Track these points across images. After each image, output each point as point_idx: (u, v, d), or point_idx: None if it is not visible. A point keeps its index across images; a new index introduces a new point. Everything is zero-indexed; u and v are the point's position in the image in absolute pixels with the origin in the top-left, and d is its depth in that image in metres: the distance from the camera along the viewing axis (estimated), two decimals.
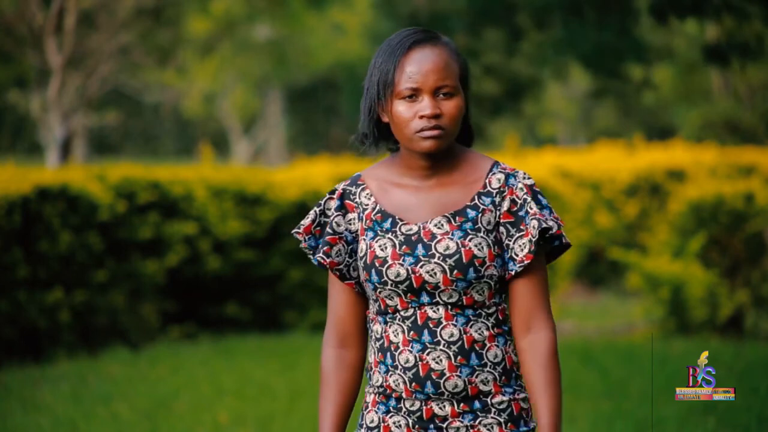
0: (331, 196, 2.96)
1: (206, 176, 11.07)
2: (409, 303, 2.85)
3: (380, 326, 2.90)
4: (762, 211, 10.59)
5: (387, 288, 2.85)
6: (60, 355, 9.13)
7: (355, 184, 2.95)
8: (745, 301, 10.52)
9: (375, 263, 2.85)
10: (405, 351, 2.85)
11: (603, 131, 32.41)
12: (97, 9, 16.58)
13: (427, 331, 2.84)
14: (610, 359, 9.14)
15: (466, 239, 2.84)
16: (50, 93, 16.03)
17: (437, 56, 2.85)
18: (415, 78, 2.83)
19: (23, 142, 29.93)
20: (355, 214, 2.93)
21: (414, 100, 2.84)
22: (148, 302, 10.13)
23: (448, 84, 2.84)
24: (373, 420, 2.92)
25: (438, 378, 2.84)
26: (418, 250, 2.84)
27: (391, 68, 2.85)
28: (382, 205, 2.91)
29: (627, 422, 6.89)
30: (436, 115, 2.82)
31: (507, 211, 2.88)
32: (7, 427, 6.99)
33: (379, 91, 2.87)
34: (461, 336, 2.84)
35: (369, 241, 2.88)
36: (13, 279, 8.93)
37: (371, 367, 2.94)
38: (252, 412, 7.31)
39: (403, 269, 2.83)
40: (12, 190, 9.00)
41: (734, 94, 22.37)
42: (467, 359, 2.84)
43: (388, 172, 2.94)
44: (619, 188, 15.97)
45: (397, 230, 2.87)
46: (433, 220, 2.86)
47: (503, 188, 2.89)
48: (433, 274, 2.82)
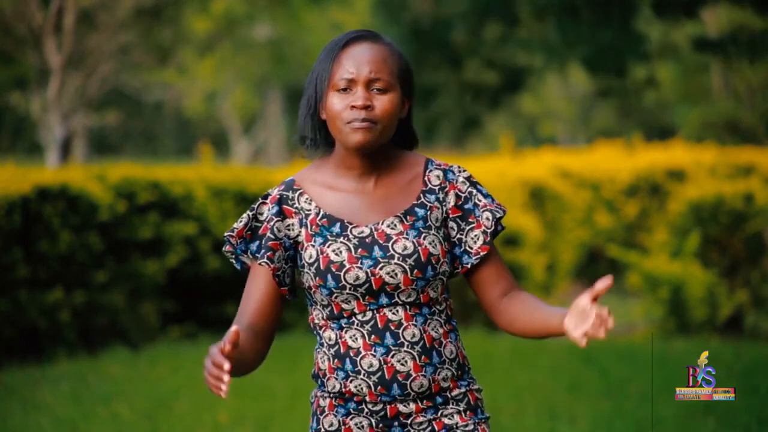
0: (264, 201, 2.92)
1: (206, 176, 11.07)
2: (367, 306, 2.84)
3: (333, 332, 2.88)
4: (762, 211, 10.59)
5: (345, 292, 2.83)
6: (60, 355, 9.13)
7: (291, 189, 2.92)
8: (744, 301, 10.53)
9: (331, 268, 2.83)
10: (368, 355, 2.84)
11: (602, 131, 32.41)
12: (97, 8, 16.58)
13: (389, 334, 2.84)
14: (610, 359, 9.14)
15: (420, 238, 2.84)
16: (50, 93, 16.03)
17: (375, 51, 2.85)
18: (350, 69, 2.83)
19: (23, 142, 29.93)
20: (295, 220, 2.90)
21: (348, 93, 2.83)
22: (148, 302, 10.13)
23: (383, 78, 2.84)
24: (332, 424, 2.90)
25: (404, 379, 2.84)
26: (376, 252, 2.83)
27: (329, 61, 2.85)
28: (326, 209, 2.88)
29: (627, 422, 6.89)
30: (367, 106, 2.82)
31: (454, 206, 2.90)
32: (7, 427, 6.99)
33: (317, 85, 2.87)
34: (422, 336, 2.85)
35: (319, 247, 2.85)
36: (13, 279, 8.93)
37: (324, 374, 2.91)
38: (252, 412, 7.31)
39: (362, 272, 2.81)
40: (12, 190, 9.00)
41: (734, 94, 22.37)
42: (430, 358, 2.85)
43: (323, 174, 2.92)
44: (618, 188, 15.97)
45: (349, 234, 2.85)
46: (386, 221, 2.85)
47: (444, 184, 2.91)
48: (394, 275, 2.82)
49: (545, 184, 14.03)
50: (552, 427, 6.84)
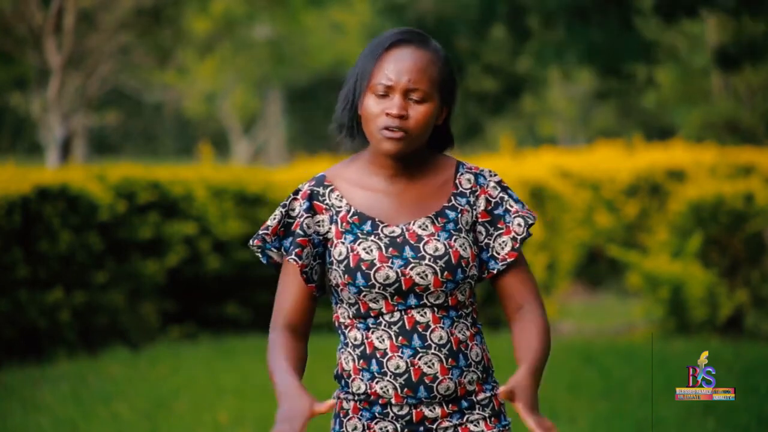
0: (295, 197, 2.90)
1: (206, 176, 11.07)
2: (395, 306, 2.82)
3: (359, 332, 2.86)
4: (762, 211, 10.59)
5: (374, 291, 2.81)
6: (60, 355, 9.13)
7: (321, 184, 2.90)
8: (744, 301, 10.52)
9: (361, 266, 2.81)
10: (394, 357, 2.82)
11: (602, 131, 32.41)
12: (97, 8, 16.57)
13: (417, 336, 2.82)
14: (610, 359, 9.14)
15: (451, 240, 2.83)
16: (50, 93, 16.02)
17: (417, 58, 2.82)
18: (389, 75, 2.80)
19: (23, 142, 29.93)
20: (325, 216, 2.88)
21: (385, 97, 2.81)
22: (148, 302, 10.13)
23: (421, 88, 2.80)
24: (356, 427, 2.87)
25: (431, 382, 2.82)
26: (407, 252, 2.81)
27: (371, 61, 2.83)
28: (357, 207, 2.87)
29: (627, 422, 6.89)
30: (401, 115, 2.79)
31: (484, 211, 2.89)
32: (7, 427, 6.99)
33: (357, 81, 2.85)
34: (449, 338, 2.84)
35: (349, 244, 2.83)
36: (13, 279, 8.93)
37: (349, 374, 2.89)
38: (252, 412, 7.31)
39: (393, 272, 2.80)
40: (12, 190, 9.00)
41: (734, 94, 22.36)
42: (456, 360, 2.84)
43: (354, 172, 2.90)
44: (618, 188, 15.98)
45: (380, 232, 2.83)
46: (417, 222, 2.84)
47: (475, 188, 2.90)
48: (424, 276, 2.80)
49: (545, 184, 14.02)
50: None
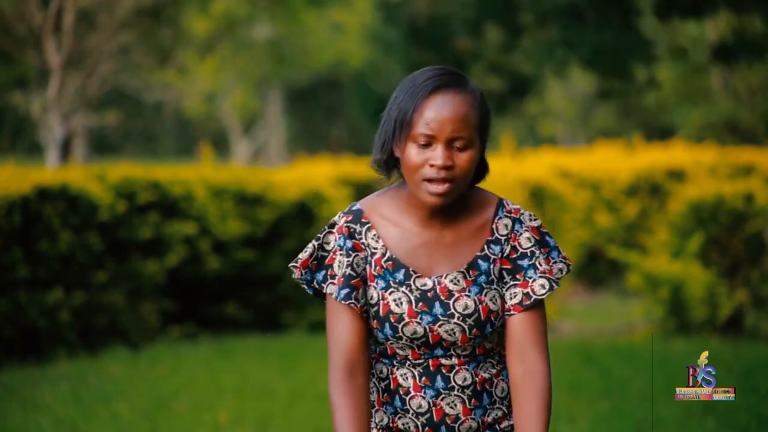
0: (330, 230, 2.87)
1: (206, 176, 11.07)
2: (422, 355, 2.81)
3: (385, 367, 2.85)
4: (762, 211, 10.59)
5: (401, 342, 2.81)
6: (60, 355, 9.13)
7: (359, 221, 2.85)
8: (744, 301, 10.52)
9: (390, 318, 2.79)
10: (417, 396, 2.81)
11: (602, 131, 32.41)
12: (96, 8, 16.57)
13: (440, 377, 2.81)
14: (610, 359, 9.14)
15: (482, 294, 2.79)
16: (50, 93, 16.02)
17: (458, 105, 2.76)
18: (431, 125, 2.74)
19: (23, 142, 29.93)
20: (362, 254, 2.84)
21: (427, 147, 2.76)
22: (148, 302, 10.13)
23: (464, 136, 2.75)
24: None
25: (453, 422, 2.81)
26: (436, 309, 2.78)
27: (410, 109, 2.76)
28: (392, 251, 2.82)
29: (627, 422, 6.89)
30: (448, 166, 2.74)
31: (506, 258, 2.83)
32: (7, 427, 6.99)
33: (395, 128, 2.79)
34: (473, 379, 2.82)
35: (381, 292, 2.81)
36: (13, 279, 8.93)
37: (373, 405, 2.87)
38: (252, 412, 7.31)
39: (421, 327, 2.78)
40: (12, 190, 8.99)
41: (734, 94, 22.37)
42: (480, 400, 2.83)
43: (390, 209, 2.85)
44: (618, 188, 15.98)
45: (412, 284, 2.80)
46: (449, 276, 2.80)
47: (510, 234, 2.84)
48: (452, 333, 2.78)
49: (545, 184, 14.03)
50: (552, 427, 6.84)
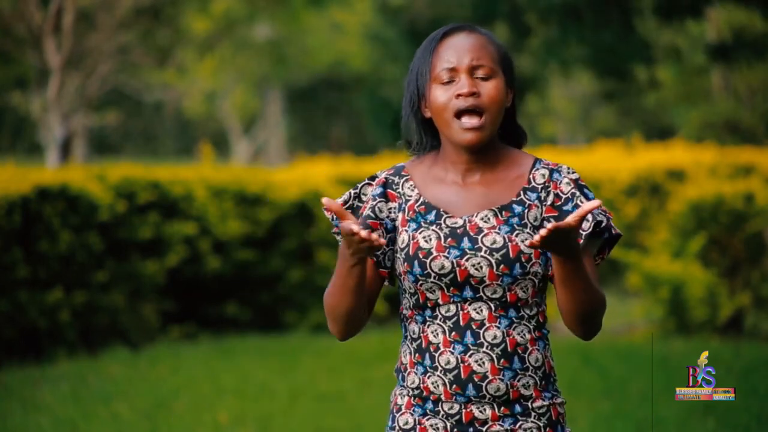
0: (369, 182, 2.91)
1: (206, 176, 11.07)
2: (451, 297, 2.79)
3: (417, 326, 2.83)
4: (762, 211, 10.58)
5: (429, 281, 2.78)
6: (60, 355, 9.13)
7: (398, 174, 2.89)
8: (745, 301, 10.52)
9: (418, 254, 2.78)
10: (446, 352, 2.79)
11: (602, 131, 32.42)
12: (96, 8, 16.57)
13: (470, 333, 2.78)
14: (610, 359, 9.14)
15: (513, 234, 2.78)
16: (50, 93, 16.03)
17: (473, 39, 2.81)
18: (450, 59, 2.79)
19: (23, 142, 29.93)
20: (395, 204, 2.87)
21: (451, 83, 2.79)
22: (148, 302, 10.13)
23: (485, 64, 2.79)
24: (407, 422, 2.85)
25: (480, 381, 2.78)
26: (464, 243, 2.77)
27: (428, 55, 2.81)
28: (426, 197, 2.84)
29: (627, 422, 6.89)
30: (473, 93, 2.77)
31: (551, 206, 2.82)
32: (7, 427, 6.99)
33: (418, 80, 2.83)
34: (504, 338, 2.79)
35: (412, 232, 2.81)
36: (13, 279, 8.93)
37: (406, 368, 2.86)
38: (252, 412, 7.31)
39: (448, 261, 2.76)
40: (12, 190, 9.00)
41: (734, 94, 22.37)
42: (510, 362, 2.79)
43: (432, 167, 2.88)
44: (618, 188, 15.97)
45: (442, 222, 2.80)
46: (480, 214, 2.80)
47: (548, 183, 2.84)
48: (479, 267, 2.76)
49: None
50: None
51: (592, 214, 2.79)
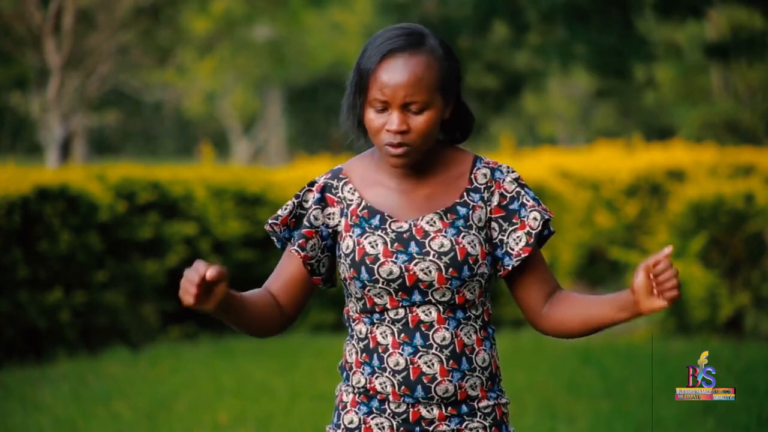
0: (310, 188, 2.90)
1: (206, 176, 11.07)
2: (400, 301, 2.79)
3: (365, 326, 2.83)
4: (762, 211, 10.59)
5: (377, 286, 2.79)
6: (60, 355, 9.13)
7: (336, 177, 2.89)
8: (745, 301, 10.53)
9: (365, 260, 2.79)
10: (395, 353, 2.80)
11: (602, 131, 32.43)
12: (96, 8, 16.57)
13: (419, 334, 2.79)
14: (610, 359, 9.14)
15: (459, 236, 2.79)
16: (50, 93, 16.03)
17: (412, 68, 2.75)
18: (385, 91, 2.76)
19: (23, 142, 29.93)
20: (336, 209, 2.87)
21: (383, 112, 2.78)
22: (148, 302, 10.13)
23: (418, 100, 2.75)
24: (352, 421, 2.85)
25: (429, 382, 2.79)
26: (412, 248, 2.78)
27: (366, 75, 2.78)
28: (368, 200, 2.85)
29: (627, 422, 6.89)
30: (402, 131, 2.76)
31: (498, 206, 2.84)
32: (7, 427, 6.99)
33: (355, 92, 2.82)
34: (453, 340, 2.80)
35: (357, 238, 2.81)
36: (13, 279, 8.93)
37: (351, 367, 2.86)
38: (252, 412, 7.31)
39: (396, 267, 2.77)
40: (12, 190, 9.00)
41: (734, 94, 22.38)
42: (458, 363, 2.80)
43: (370, 167, 2.89)
44: (618, 188, 15.97)
45: (387, 227, 2.81)
46: (425, 217, 2.81)
47: (490, 183, 2.85)
48: (428, 272, 2.77)
49: (545, 183, 14.02)
50: (551, 426, 6.84)
51: (540, 212, 2.84)
